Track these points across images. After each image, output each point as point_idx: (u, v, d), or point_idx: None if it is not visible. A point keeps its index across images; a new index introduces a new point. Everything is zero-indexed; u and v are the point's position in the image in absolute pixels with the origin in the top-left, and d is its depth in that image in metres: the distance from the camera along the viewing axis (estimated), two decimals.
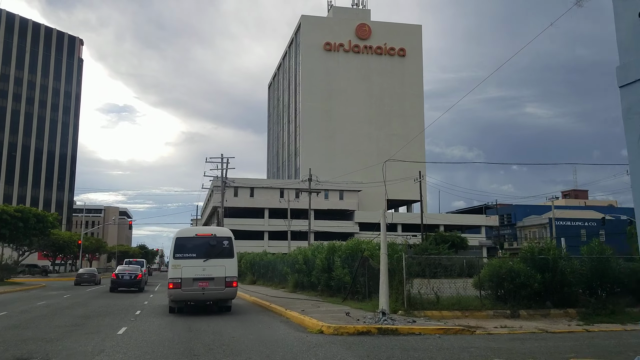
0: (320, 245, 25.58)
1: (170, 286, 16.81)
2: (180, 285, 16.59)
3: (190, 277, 16.59)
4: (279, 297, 23.75)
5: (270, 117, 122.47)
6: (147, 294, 31.98)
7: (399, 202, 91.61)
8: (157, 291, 35.56)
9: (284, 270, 29.92)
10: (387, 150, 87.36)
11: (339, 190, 79.51)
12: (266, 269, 36.26)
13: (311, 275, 24.46)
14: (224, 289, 16.91)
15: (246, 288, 33.18)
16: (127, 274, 33.96)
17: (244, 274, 44.00)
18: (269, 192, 77.98)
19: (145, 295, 30.37)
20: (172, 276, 16.83)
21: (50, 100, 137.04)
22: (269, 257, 37.38)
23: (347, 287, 19.96)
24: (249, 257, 44.20)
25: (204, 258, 16.87)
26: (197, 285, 16.62)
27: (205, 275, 16.67)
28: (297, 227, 73.10)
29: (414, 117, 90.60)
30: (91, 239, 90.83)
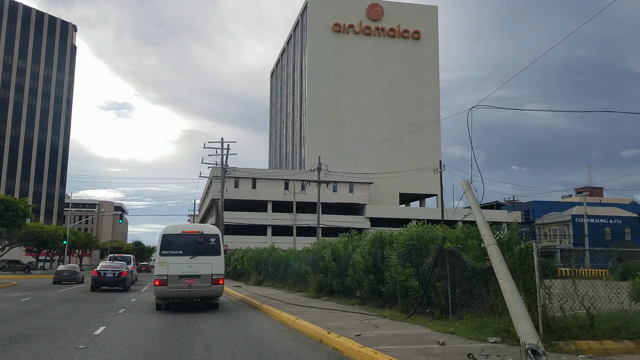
0: (356, 236, 19.29)
1: (156, 283, 16.63)
2: (166, 283, 16.44)
3: (176, 274, 16.42)
4: (301, 304, 17.43)
5: (272, 107, 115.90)
6: (130, 295, 26.30)
7: (412, 197, 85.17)
8: (145, 291, 30.00)
9: (302, 269, 23.55)
10: (400, 139, 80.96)
11: (349, 182, 73.07)
12: (276, 268, 29.87)
13: (344, 276, 18.13)
14: (211, 287, 16.76)
15: (252, 290, 26.80)
16: (110, 271, 29.42)
17: (246, 272, 37.67)
18: (272, 184, 71.52)
19: (127, 298, 24.27)
20: (158, 273, 16.62)
21: (41, 88, 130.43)
22: (278, 252, 30.90)
23: (407, 294, 13.61)
24: (253, 253, 37.81)
25: (191, 255, 16.67)
26: (183, 282, 16.44)
27: (191, 272, 16.49)
28: (302, 222, 66.70)
29: (429, 105, 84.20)
30: (79, 234, 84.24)
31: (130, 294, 27.73)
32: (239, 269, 40.91)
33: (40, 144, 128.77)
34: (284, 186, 71.85)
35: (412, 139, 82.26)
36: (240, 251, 43.74)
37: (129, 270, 31.96)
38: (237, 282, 37.94)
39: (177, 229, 17.71)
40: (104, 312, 17.16)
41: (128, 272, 31.03)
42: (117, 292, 28.81)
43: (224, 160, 51.91)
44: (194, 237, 17.02)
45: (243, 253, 41.88)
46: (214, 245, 17.16)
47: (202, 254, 16.76)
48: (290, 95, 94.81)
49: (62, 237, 69.18)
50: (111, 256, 39.76)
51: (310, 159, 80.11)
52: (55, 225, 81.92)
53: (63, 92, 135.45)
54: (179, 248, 16.75)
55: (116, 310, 18.19)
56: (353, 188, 73.95)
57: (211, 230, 18.05)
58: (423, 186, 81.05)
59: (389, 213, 72.08)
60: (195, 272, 16.48)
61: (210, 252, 16.95)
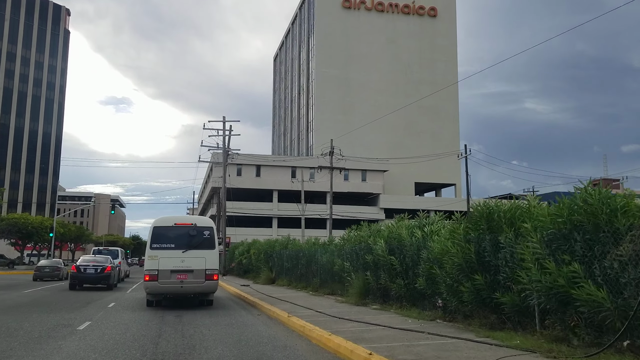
0: (425, 219, 13.50)
1: (146, 278, 15.56)
2: (156, 278, 15.39)
3: (167, 268, 15.40)
4: (350, 318, 11.52)
5: (275, 93, 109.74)
6: (111, 297, 21.10)
7: (427, 187, 79.18)
8: (132, 290, 25.35)
9: (335, 266, 17.66)
10: (415, 123, 75.22)
11: (361, 170, 67.10)
12: (293, 263, 23.96)
13: (413, 275, 12.24)
14: (204, 282, 15.64)
15: (265, 291, 20.97)
16: (92, 266, 25.22)
17: (254, 268, 31.82)
18: (278, 172, 65.58)
19: (104, 301, 18.65)
20: (148, 268, 15.55)
21: (32, 75, 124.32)
22: (297, 244, 24.94)
23: (565, 310, 7.67)
24: (262, 245, 31.88)
25: (183, 249, 15.67)
26: (175, 277, 15.42)
27: (184, 267, 15.50)
28: (311, 213, 60.89)
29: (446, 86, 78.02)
30: (70, 226, 78.25)
31: (112, 295, 22.22)
32: (245, 264, 35.05)
33: (31, 133, 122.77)
34: (291, 174, 65.99)
35: (429, 123, 76.42)
36: (245, 244, 37.89)
37: (114, 265, 27.48)
38: (243, 280, 32.05)
39: (168, 221, 16.46)
40: (54, 330, 11.31)
41: (113, 268, 26.33)
42: (100, 291, 24.41)
43: (226, 142, 46.04)
44: (186, 229, 16.01)
45: (249, 246, 36.04)
46: (207, 238, 16.05)
47: (195, 247, 15.74)
48: (296, 78, 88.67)
49: (48, 229, 63.27)
50: (95, 249, 35.29)
51: (318, 146, 74.15)
52: (41, 216, 75.79)
53: (56, 78, 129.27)
54: (171, 241, 15.82)
55: (77, 324, 12.43)
56: (366, 176, 68.00)
57: (205, 222, 16.84)
58: (440, 175, 75.24)
59: (405, 203, 65.92)
60: (188, 267, 15.52)
61: (203, 245, 15.88)
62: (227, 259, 41.97)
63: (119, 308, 16.41)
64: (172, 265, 15.43)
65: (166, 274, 15.37)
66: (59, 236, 69.98)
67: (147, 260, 15.77)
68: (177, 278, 15.40)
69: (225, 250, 41.78)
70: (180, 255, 15.55)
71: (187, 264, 15.49)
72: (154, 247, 15.72)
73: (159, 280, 15.38)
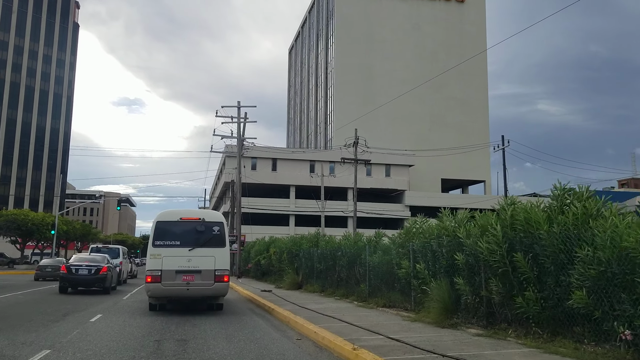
0: None
1: (148, 280, 13.82)
2: (159, 279, 13.68)
3: (172, 269, 13.72)
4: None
5: (290, 87, 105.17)
6: (102, 305, 16.86)
7: (454, 184, 74.12)
8: (132, 295, 21.34)
9: (402, 269, 12.89)
10: (442, 116, 70.34)
11: (385, 164, 62.29)
12: (329, 264, 19.26)
13: (551, 286, 7.55)
14: (213, 284, 13.87)
15: (292, 300, 16.43)
16: (85, 266, 21.65)
17: (275, 270, 27.27)
18: (295, 166, 61.00)
19: (89, 312, 14.32)
20: (150, 268, 13.81)
21: (40, 68, 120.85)
22: (332, 240, 20.18)
23: None
24: (283, 243, 27.23)
25: (190, 247, 13.95)
26: (180, 279, 13.74)
27: (190, 267, 13.82)
28: (332, 210, 56.40)
29: (475, 77, 73.16)
30: (74, 224, 74.12)
31: (105, 302, 17.84)
32: (263, 266, 30.43)
33: (39, 128, 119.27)
34: (309, 169, 61.40)
35: (456, 115, 71.44)
36: (263, 242, 33.34)
37: (112, 266, 23.76)
38: (262, 284, 27.44)
39: (173, 215, 14.72)
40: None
41: (110, 269, 22.66)
42: (94, 295, 20.80)
43: (241, 129, 41.55)
44: (193, 224, 14.36)
45: (268, 244, 31.47)
46: (217, 234, 14.41)
47: (203, 245, 14.10)
48: (313, 69, 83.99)
49: (50, 227, 59.15)
50: (94, 247, 31.39)
51: (338, 139, 69.51)
52: (43, 212, 71.71)
53: (64, 73, 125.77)
54: (176, 238, 14.18)
55: (40, 347, 8.01)
56: (390, 171, 63.18)
57: (214, 216, 15.21)
58: (468, 171, 70.25)
59: (433, 201, 61.03)
60: (195, 267, 13.88)
61: (213, 243, 14.22)
62: (242, 259, 37.41)
63: (103, 324, 11.95)
64: (177, 265, 13.81)
65: (170, 275, 13.76)
66: (62, 234, 65.81)
67: (149, 260, 14.03)
68: (182, 279, 13.80)
69: (240, 249, 37.22)
70: (187, 253, 13.89)
71: (194, 263, 13.89)
72: (157, 244, 14.02)
73: (163, 282, 13.75)
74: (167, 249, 13.95)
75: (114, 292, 22.54)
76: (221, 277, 14.00)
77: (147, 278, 13.90)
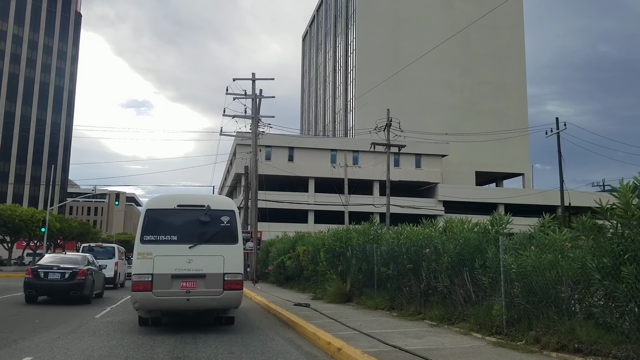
0: None
1: (134, 287, 10.09)
2: (150, 286, 10.02)
3: (167, 272, 10.14)
4: None
5: (304, 75, 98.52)
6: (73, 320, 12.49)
7: (489, 177, 67.10)
8: (119, 306, 16.49)
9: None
10: (475, 102, 63.52)
11: (415, 154, 55.47)
12: (407, 267, 12.45)
13: None
14: (222, 293, 10.24)
15: (356, 325, 9.59)
16: (57, 270, 16.76)
17: (309, 275, 20.66)
18: (315, 156, 54.34)
19: (43, 334, 10.01)
20: (138, 271, 10.15)
21: (40, 59, 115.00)
22: (414, 232, 13.21)
23: None
24: (319, 240, 20.49)
25: (191, 243, 10.33)
26: (178, 285, 10.11)
27: (191, 270, 10.19)
28: (357, 205, 49.85)
29: (511, 59, 66.25)
30: (71, 221, 67.69)
31: (71, 321, 12.24)
32: (289, 268, 23.67)
33: (39, 122, 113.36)
34: (330, 159, 54.76)
35: (491, 102, 64.57)
36: (287, 238, 26.71)
37: (95, 268, 18.85)
38: (288, 292, 20.74)
39: (168, 202, 10.82)
40: None
41: (91, 272, 17.67)
42: (68, 306, 15.99)
43: (255, 105, 34.95)
44: (195, 214, 10.60)
45: (294, 241, 24.85)
46: (227, 227, 10.65)
47: (208, 241, 10.42)
48: (331, 53, 77.21)
49: (41, 223, 52.77)
50: (85, 246, 26.35)
51: (360, 126, 62.82)
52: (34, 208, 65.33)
53: (66, 64, 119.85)
54: (172, 231, 10.45)
55: None
56: (421, 162, 56.36)
57: (223, 203, 11.25)
58: (505, 163, 63.32)
59: (468, 194, 54.30)
60: (198, 270, 10.17)
61: (221, 238, 10.52)
62: (259, 260, 30.76)
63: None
64: (174, 268, 10.20)
65: (165, 281, 10.09)
66: (56, 232, 59.45)
67: (135, 261, 10.29)
68: (181, 287, 10.15)
69: (257, 248, 30.55)
70: (187, 252, 10.24)
71: (197, 265, 10.20)
72: (147, 239, 10.38)
73: (154, 290, 10.05)
74: (161, 247, 10.44)
75: (98, 301, 17.58)
76: (232, 284, 10.52)
77: (134, 285, 10.32)
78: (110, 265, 24.36)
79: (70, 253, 21.90)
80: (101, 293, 19.47)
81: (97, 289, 18.33)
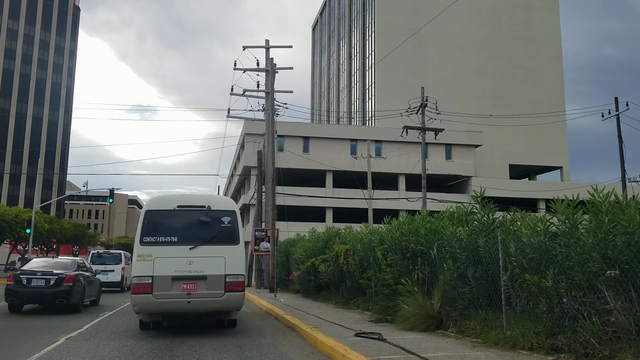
0: None
1: (134, 290, 10.07)
2: (150, 289, 10.00)
3: (167, 274, 10.13)
4: None
5: (315, 67, 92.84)
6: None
7: (523, 170, 61.05)
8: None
9: None
10: (507, 88, 57.79)
11: (445, 144, 49.62)
12: (580, 270, 6.50)
13: None
14: (223, 295, 10.26)
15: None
16: (41, 275, 15.11)
17: (350, 285, 14.75)
18: (333, 146, 48.56)
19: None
20: (137, 274, 10.14)
21: (36, 55, 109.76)
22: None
23: None
24: (372, 236, 14.67)
25: (191, 244, 10.34)
26: (178, 287, 10.12)
27: (192, 271, 10.20)
28: (382, 199, 44.26)
29: (546, 43, 60.40)
30: (63, 222, 61.93)
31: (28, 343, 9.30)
32: (322, 275, 17.75)
33: (35, 120, 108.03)
34: (350, 150, 49.02)
35: (525, 88, 58.72)
36: (317, 236, 20.95)
37: (88, 274, 17.15)
38: (324, 306, 14.88)
39: (168, 202, 10.92)
40: None
41: (80, 278, 15.94)
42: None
43: (271, 77, 29.28)
44: (196, 214, 10.64)
45: (326, 239, 19.15)
46: (228, 227, 10.71)
47: (209, 241, 10.41)
48: (346, 38, 71.42)
49: (26, 224, 47.14)
50: (94, 253, 27.98)
51: (381, 115, 56.98)
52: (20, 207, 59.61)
53: (64, 60, 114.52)
54: (172, 232, 10.44)
55: None
56: (451, 153, 50.48)
57: (224, 203, 11.34)
58: (542, 156, 57.46)
59: (505, 189, 48.30)
60: (199, 272, 10.18)
61: (222, 239, 10.57)
62: (277, 264, 24.99)
63: None
64: (175, 270, 10.06)
65: (165, 283, 10.00)
66: (45, 234, 53.74)
67: (135, 263, 10.20)
68: (181, 288, 10.07)
69: (275, 249, 24.74)
70: (187, 253, 10.16)
71: (198, 266, 10.16)
72: (147, 241, 10.27)
73: (154, 293, 9.94)
74: (161, 248, 10.21)
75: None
76: (234, 285, 10.27)
77: (133, 288, 10.07)
78: (117, 270, 25.97)
79: (61, 257, 21.06)
80: (96, 300, 17.95)
81: (90, 296, 16.90)
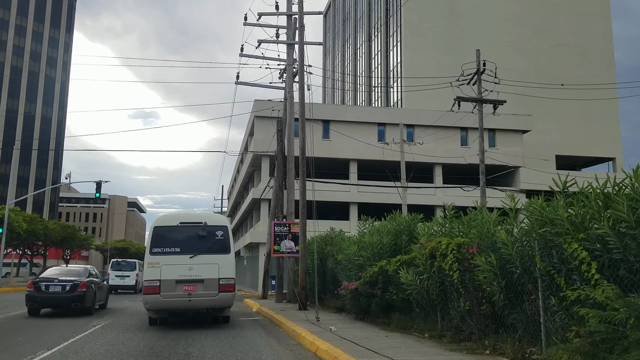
0: None
1: (145, 291, 12.96)
2: (158, 290, 12.78)
3: (172, 278, 12.87)
4: None
5: (327, 55, 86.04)
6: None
7: (570, 162, 53.88)
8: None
9: None
10: (552, 69, 50.90)
11: (488, 129, 42.54)
12: None
13: None
14: (217, 295, 13.05)
15: None
16: (58, 282, 16.89)
17: (465, 308, 7.03)
18: (358, 132, 41.54)
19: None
20: (148, 278, 13.03)
21: (29, 47, 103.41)
22: None
23: None
24: (538, 211, 7.57)
25: (191, 254, 13.12)
26: (181, 289, 12.90)
27: (192, 276, 12.99)
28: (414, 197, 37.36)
29: (594, 18, 53.50)
30: (49, 223, 54.87)
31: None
32: (406, 289, 10.62)
33: (27, 116, 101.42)
34: (377, 136, 42.08)
35: (571, 68, 51.76)
36: (375, 229, 13.98)
37: (98, 280, 18.96)
38: (419, 348, 7.77)
39: (172, 220, 13.98)
40: None
41: (93, 284, 17.53)
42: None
43: (297, 24, 22.48)
44: (195, 229, 13.38)
45: (396, 233, 12.12)
46: (220, 240, 13.45)
47: (206, 251, 13.15)
48: (365, 18, 64.50)
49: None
50: (114, 261, 33.04)
51: (409, 101, 50.09)
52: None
53: (58, 53, 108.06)
54: (176, 244, 13.20)
55: None
56: (495, 139, 43.45)
57: (217, 220, 14.31)
58: (592, 146, 50.46)
59: (550, 181, 41.14)
60: (197, 276, 12.95)
61: (216, 249, 13.29)
62: (312, 271, 18.03)
63: None
64: (178, 274, 12.85)
65: (170, 285, 12.78)
66: (24, 235, 46.75)
67: (146, 269, 13.14)
68: (184, 290, 12.82)
69: (305, 249, 17.77)
70: (188, 261, 12.96)
71: (197, 272, 12.95)
72: (155, 251, 13.09)
73: (162, 293, 12.71)
74: (166, 257, 13.01)
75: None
76: (226, 287, 13.10)
77: (145, 289, 12.89)
78: (132, 275, 32.10)
79: (72, 265, 22.20)
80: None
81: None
